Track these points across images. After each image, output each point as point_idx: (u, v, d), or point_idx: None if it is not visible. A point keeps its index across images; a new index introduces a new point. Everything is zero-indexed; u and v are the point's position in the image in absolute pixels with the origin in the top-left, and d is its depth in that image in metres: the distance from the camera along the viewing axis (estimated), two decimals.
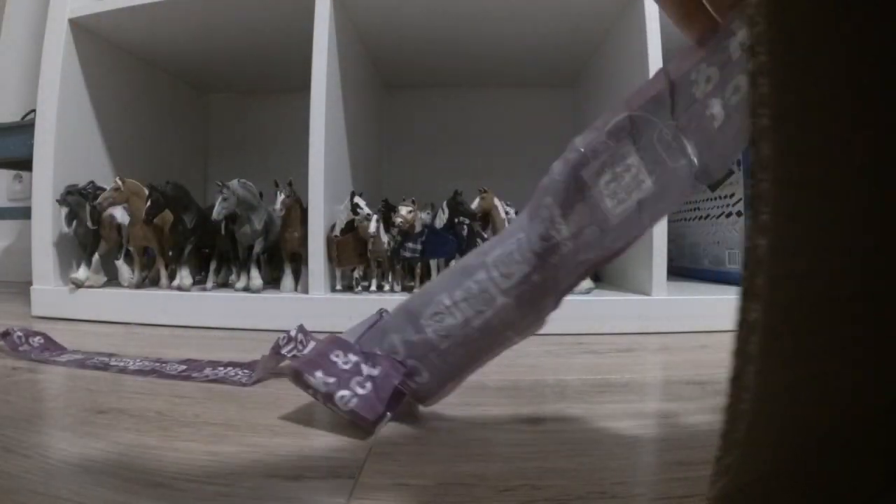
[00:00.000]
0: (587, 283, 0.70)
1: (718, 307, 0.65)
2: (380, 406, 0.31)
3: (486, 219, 0.72)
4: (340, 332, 0.36)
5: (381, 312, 0.37)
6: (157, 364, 0.45)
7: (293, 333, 0.46)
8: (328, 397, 0.31)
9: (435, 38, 0.88)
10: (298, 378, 0.32)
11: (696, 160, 0.25)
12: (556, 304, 0.31)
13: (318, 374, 0.32)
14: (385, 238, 0.70)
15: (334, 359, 0.33)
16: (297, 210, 0.73)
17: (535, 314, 0.31)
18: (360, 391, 0.31)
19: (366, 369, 0.32)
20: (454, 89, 1.14)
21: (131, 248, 0.75)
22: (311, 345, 0.46)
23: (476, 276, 0.31)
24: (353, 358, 0.33)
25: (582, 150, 0.28)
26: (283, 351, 0.44)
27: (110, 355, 0.48)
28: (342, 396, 0.31)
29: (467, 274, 0.31)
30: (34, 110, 0.78)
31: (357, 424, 0.31)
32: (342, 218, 0.69)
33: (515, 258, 0.30)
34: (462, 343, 0.31)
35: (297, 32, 0.81)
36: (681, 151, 0.25)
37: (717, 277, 0.85)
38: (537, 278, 0.30)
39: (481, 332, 0.31)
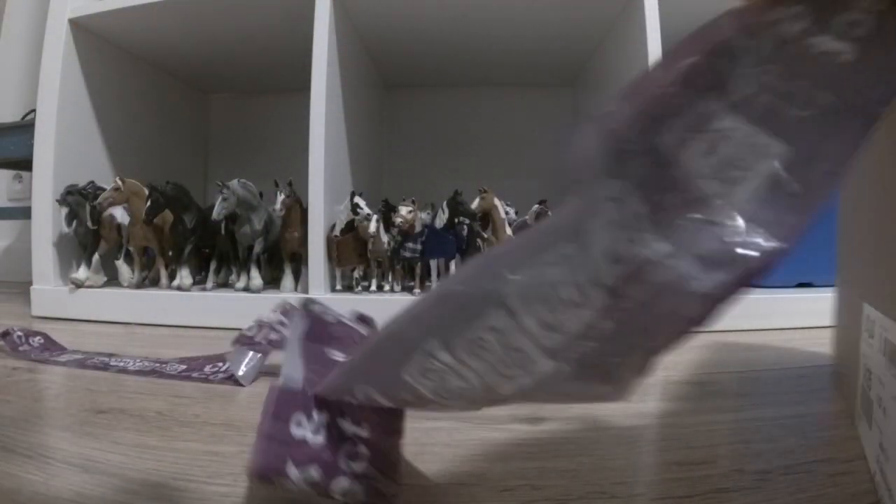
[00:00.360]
0: None
1: None
2: (394, 476, 0.24)
3: (486, 219, 0.72)
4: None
5: (307, 306, 0.28)
6: (157, 364, 0.45)
7: (266, 318, 0.40)
8: (323, 493, 0.22)
9: (435, 38, 0.88)
10: (268, 483, 0.22)
11: (843, 101, 0.17)
12: (643, 367, 0.18)
13: (292, 468, 0.22)
14: (385, 238, 0.70)
15: (297, 433, 0.23)
16: (297, 210, 0.73)
17: (608, 387, 0.19)
18: (357, 468, 0.23)
19: (348, 427, 0.24)
20: (454, 89, 1.14)
21: (131, 248, 0.75)
22: (296, 322, 0.39)
23: (489, 318, 0.19)
24: (319, 418, 0.23)
25: (643, 93, 0.18)
26: (257, 339, 0.41)
27: (110, 355, 0.48)
28: (343, 489, 0.22)
29: (472, 313, 0.19)
30: (34, 110, 0.78)
31: None
32: (342, 218, 0.69)
33: (564, 296, 0.18)
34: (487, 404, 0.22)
35: (297, 32, 0.81)
36: (812, 91, 0.17)
37: None
38: (610, 326, 0.18)
39: (518, 398, 0.20)
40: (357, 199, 0.68)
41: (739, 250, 0.16)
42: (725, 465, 0.27)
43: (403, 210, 0.69)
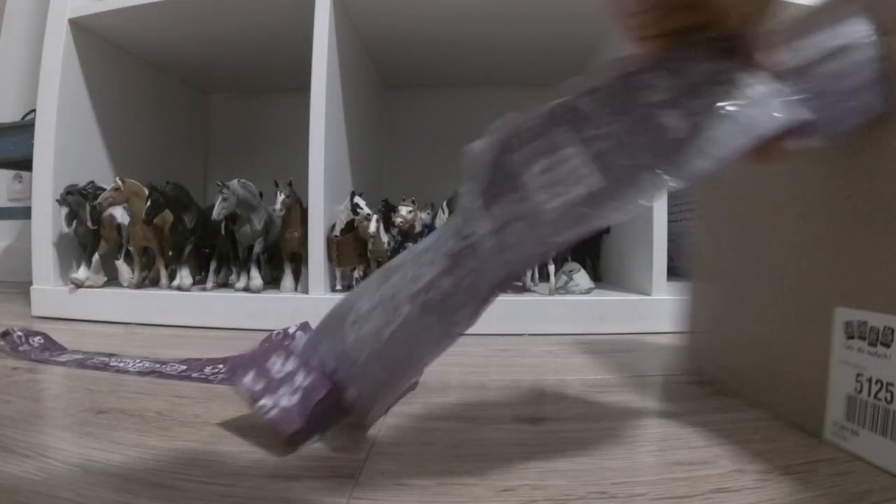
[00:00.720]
0: (587, 283, 0.70)
1: None
2: (298, 420, 0.28)
3: None
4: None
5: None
6: (157, 364, 0.45)
7: (292, 330, 0.44)
8: (251, 404, 0.29)
9: (435, 38, 0.88)
10: (232, 384, 0.30)
11: (656, 165, 0.23)
12: (473, 315, 0.26)
13: (248, 377, 0.30)
14: (385, 238, 0.70)
15: (271, 364, 0.30)
16: (297, 210, 0.73)
17: (442, 328, 0.26)
18: (284, 402, 0.29)
19: (299, 379, 0.30)
20: (454, 89, 1.14)
21: (131, 248, 0.75)
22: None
23: (393, 277, 0.27)
24: (289, 366, 0.30)
25: (510, 125, 0.25)
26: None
27: (110, 355, 0.48)
28: (263, 406, 0.29)
29: (387, 274, 0.27)
30: (34, 110, 0.78)
31: (279, 436, 0.29)
32: (342, 218, 0.69)
33: (427, 258, 0.26)
34: (376, 356, 0.28)
35: (297, 32, 0.81)
36: (637, 151, 0.23)
37: None
38: (448, 284, 0.25)
39: (390, 345, 0.27)
40: (357, 199, 0.68)
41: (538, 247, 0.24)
42: (725, 465, 0.27)
43: (403, 210, 0.69)
